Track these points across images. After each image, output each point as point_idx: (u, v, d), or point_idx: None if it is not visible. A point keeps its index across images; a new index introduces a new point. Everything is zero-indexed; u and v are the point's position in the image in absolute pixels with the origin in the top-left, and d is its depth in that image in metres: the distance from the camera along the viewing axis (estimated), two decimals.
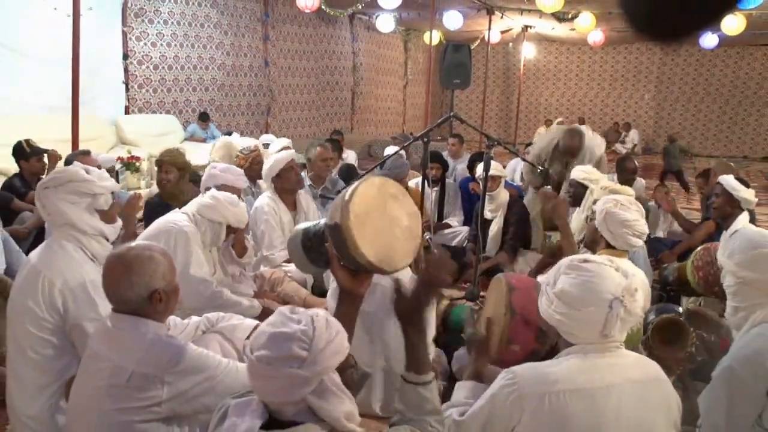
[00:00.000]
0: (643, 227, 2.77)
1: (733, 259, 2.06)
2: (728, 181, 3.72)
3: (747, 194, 3.64)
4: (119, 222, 2.56)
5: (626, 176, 5.47)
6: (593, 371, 1.52)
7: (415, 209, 1.76)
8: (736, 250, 2.07)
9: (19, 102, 6.36)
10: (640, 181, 5.90)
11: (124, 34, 7.62)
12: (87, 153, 4.28)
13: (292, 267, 3.87)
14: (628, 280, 1.56)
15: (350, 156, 6.82)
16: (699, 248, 2.83)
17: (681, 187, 9.60)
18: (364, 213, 1.58)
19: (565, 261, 1.63)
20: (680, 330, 2.33)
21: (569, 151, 4.95)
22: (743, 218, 3.60)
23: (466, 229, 5.37)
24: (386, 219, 1.64)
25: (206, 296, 2.99)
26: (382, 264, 1.59)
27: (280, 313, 1.35)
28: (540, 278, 1.69)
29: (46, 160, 4.49)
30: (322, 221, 1.80)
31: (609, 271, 1.56)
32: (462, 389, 1.87)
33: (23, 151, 4.41)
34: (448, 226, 5.52)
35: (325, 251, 1.69)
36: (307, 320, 1.33)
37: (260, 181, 4.92)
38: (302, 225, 1.91)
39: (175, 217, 3.10)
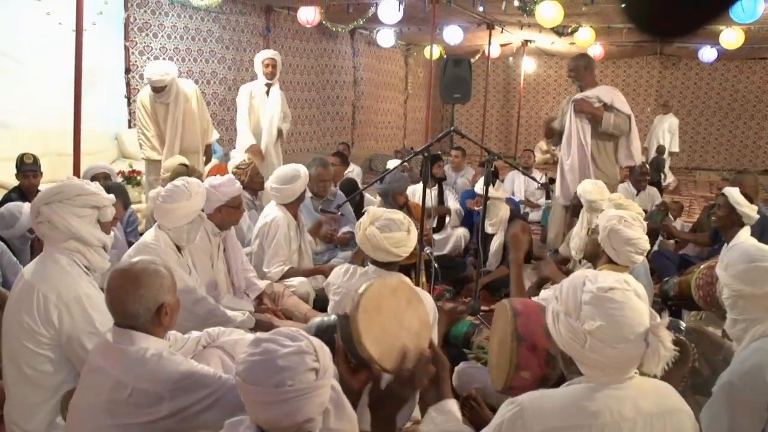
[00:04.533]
0: (645, 244, 2.80)
1: (729, 272, 2.06)
2: (732, 194, 3.68)
3: (749, 210, 3.61)
4: (113, 233, 2.57)
5: (635, 177, 5.97)
6: (603, 404, 1.44)
7: (428, 318, 1.79)
8: (732, 263, 2.06)
9: (22, 115, 6.38)
10: (656, 194, 5.99)
11: (127, 48, 7.65)
12: (107, 176, 4.39)
13: (294, 282, 3.87)
14: (648, 307, 1.47)
15: (355, 170, 6.89)
16: (703, 266, 2.81)
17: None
18: (375, 309, 1.62)
19: (582, 287, 1.49)
20: (682, 348, 2.32)
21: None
22: (744, 233, 3.60)
23: (460, 231, 5.55)
24: (396, 320, 1.67)
25: (200, 315, 2.94)
26: (383, 362, 1.61)
27: (267, 339, 1.33)
28: (545, 293, 1.65)
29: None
30: (333, 317, 1.88)
31: (634, 300, 1.46)
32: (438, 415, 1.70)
33: (19, 165, 4.43)
34: (447, 211, 5.71)
35: (333, 342, 1.69)
36: (296, 336, 1.34)
37: (260, 192, 4.91)
38: (317, 319, 1.98)
39: (147, 238, 2.99)
